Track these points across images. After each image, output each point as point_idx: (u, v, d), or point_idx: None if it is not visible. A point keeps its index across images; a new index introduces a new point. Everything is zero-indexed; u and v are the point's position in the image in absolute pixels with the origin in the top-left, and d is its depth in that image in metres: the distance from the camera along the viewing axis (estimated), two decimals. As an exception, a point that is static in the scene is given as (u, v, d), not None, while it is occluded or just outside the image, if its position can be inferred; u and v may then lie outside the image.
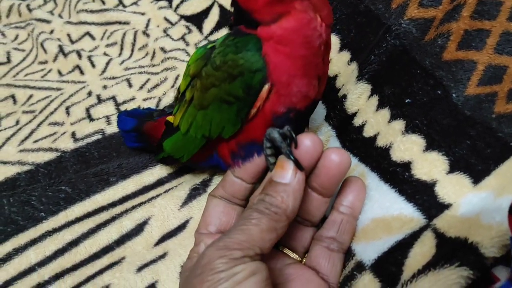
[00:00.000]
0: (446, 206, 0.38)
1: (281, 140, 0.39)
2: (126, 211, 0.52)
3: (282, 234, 0.35)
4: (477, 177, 0.38)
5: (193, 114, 0.44)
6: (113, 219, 0.51)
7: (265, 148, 0.40)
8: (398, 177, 0.41)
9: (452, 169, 0.39)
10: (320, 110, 0.54)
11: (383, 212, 0.41)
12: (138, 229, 0.50)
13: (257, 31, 0.37)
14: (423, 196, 0.39)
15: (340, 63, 0.54)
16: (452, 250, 0.34)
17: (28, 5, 0.88)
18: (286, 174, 0.36)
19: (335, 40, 0.55)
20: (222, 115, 0.41)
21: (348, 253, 0.42)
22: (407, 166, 0.41)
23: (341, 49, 0.55)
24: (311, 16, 0.36)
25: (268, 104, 0.39)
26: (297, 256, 0.43)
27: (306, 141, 0.38)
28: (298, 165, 0.37)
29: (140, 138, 0.56)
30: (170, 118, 0.49)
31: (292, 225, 0.43)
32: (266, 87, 0.38)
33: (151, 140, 0.54)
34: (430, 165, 0.40)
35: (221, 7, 0.78)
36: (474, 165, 0.38)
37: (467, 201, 0.37)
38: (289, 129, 0.39)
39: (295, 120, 0.41)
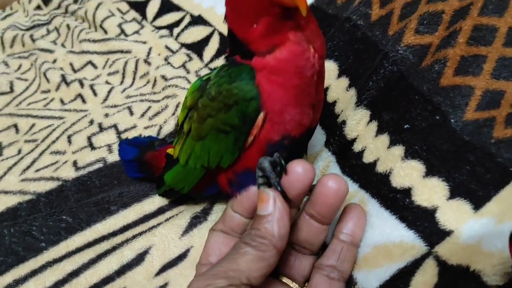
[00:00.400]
0: (448, 233, 0.37)
1: (271, 170, 0.39)
2: (127, 241, 0.51)
3: (274, 264, 0.35)
4: (477, 203, 0.37)
5: (191, 145, 0.44)
6: (114, 249, 0.51)
7: (258, 178, 0.40)
8: (399, 203, 0.41)
9: (453, 195, 0.39)
10: (320, 136, 0.54)
11: (384, 239, 0.41)
12: (139, 259, 0.50)
13: (252, 61, 0.38)
14: (424, 222, 0.39)
15: (339, 89, 0.54)
16: (454, 278, 0.34)
17: (31, 36, 0.89)
18: (267, 206, 0.37)
19: (333, 67, 0.55)
20: (219, 144, 0.41)
21: (350, 282, 0.41)
22: (407, 192, 0.41)
23: (339, 75, 0.55)
24: (304, 47, 0.37)
25: (263, 132, 0.39)
26: (296, 285, 0.43)
27: (297, 168, 0.38)
28: (284, 195, 0.37)
29: (141, 169, 0.56)
30: (170, 151, 0.50)
31: (290, 254, 0.43)
32: (261, 115, 0.38)
33: (152, 170, 0.54)
34: (430, 191, 0.40)
35: (221, 35, 0.80)
36: (475, 191, 0.38)
37: (468, 227, 0.37)
38: (278, 156, 0.39)
39: (290, 147, 0.41)
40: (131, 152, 0.57)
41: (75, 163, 0.62)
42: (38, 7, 1.04)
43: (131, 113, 0.69)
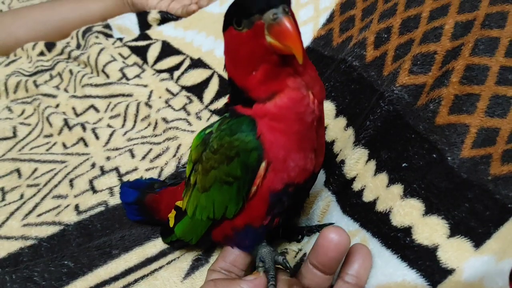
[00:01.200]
0: (449, 272, 0.37)
1: (271, 265, 0.43)
2: (129, 285, 0.51)
3: None
4: (478, 241, 0.38)
5: (197, 197, 0.45)
6: (116, 293, 0.50)
7: (257, 265, 0.43)
8: (400, 242, 0.41)
9: (453, 233, 0.39)
10: (320, 175, 0.54)
11: (386, 279, 0.40)
12: (141, 303, 0.50)
13: (252, 109, 0.39)
14: (425, 261, 0.39)
15: (337, 129, 0.55)
16: (458, 318, 0.33)
17: (35, 81, 0.91)
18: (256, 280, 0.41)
19: (331, 107, 0.56)
20: (223, 195, 0.42)
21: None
22: (407, 231, 0.41)
23: (337, 115, 0.56)
24: (303, 93, 0.38)
25: (266, 181, 0.40)
26: None
27: (331, 235, 0.40)
28: None
29: (142, 211, 0.57)
30: (178, 203, 0.50)
31: None
32: (263, 164, 0.39)
33: (152, 213, 0.54)
34: (430, 230, 0.40)
35: (220, 77, 0.81)
36: (474, 228, 0.38)
37: (470, 265, 0.37)
38: (285, 260, 0.43)
39: (294, 194, 0.42)
40: (131, 194, 0.57)
41: (77, 207, 0.62)
42: (42, 53, 1.06)
43: (133, 156, 0.70)
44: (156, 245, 0.55)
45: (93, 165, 0.70)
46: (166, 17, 1.04)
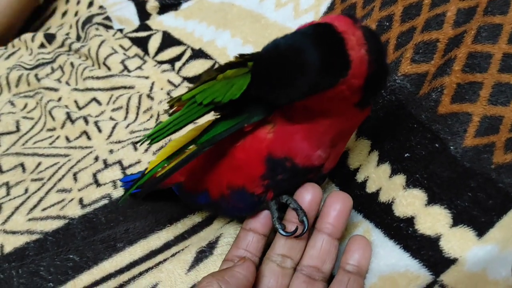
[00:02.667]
0: (452, 261, 0.37)
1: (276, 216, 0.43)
2: (134, 278, 0.51)
3: None
4: (481, 230, 0.38)
5: (207, 85, 0.41)
6: (121, 286, 0.51)
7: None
8: (402, 232, 0.41)
9: (456, 222, 0.39)
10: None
11: (389, 269, 0.41)
12: (146, 296, 0.50)
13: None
14: (428, 251, 0.39)
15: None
16: (461, 308, 0.33)
17: (36, 75, 0.91)
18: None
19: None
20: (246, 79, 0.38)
21: (357, 313, 0.41)
22: (410, 221, 0.41)
23: (339, 105, 0.56)
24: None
25: (267, 143, 0.40)
26: None
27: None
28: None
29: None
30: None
31: (304, 281, 0.42)
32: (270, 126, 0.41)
33: None
34: (433, 219, 0.40)
35: (222, 67, 0.81)
36: (477, 217, 0.38)
37: (473, 255, 0.37)
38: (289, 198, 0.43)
39: (292, 178, 0.42)
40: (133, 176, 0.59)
41: (81, 201, 0.62)
42: (42, 45, 1.06)
43: (135, 149, 0.70)
44: (160, 237, 0.55)
45: (96, 158, 0.70)
46: (164, 3, 1.02)
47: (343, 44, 0.33)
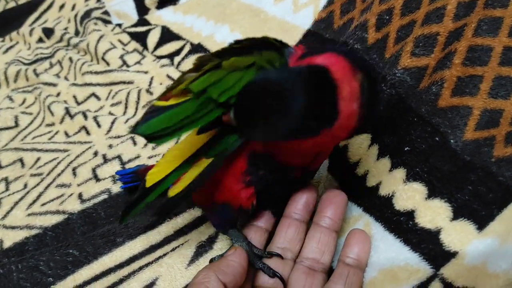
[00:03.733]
0: (453, 255, 0.37)
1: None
2: (134, 272, 0.51)
3: None
4: (481, 223, 0.37)
5: (217, 75, 0.37)
6: (121, 281, 0.51)
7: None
8: (402, 226, 0.41)
9: (456, 215, 0.39)
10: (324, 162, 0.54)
11: (389, 263, 0.40)
12: (146, 291, 0.50)
13: None
14: (428, 245, 0.39)
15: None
16: (461, 301, 0.33)
17: (35, 70, 0.91)
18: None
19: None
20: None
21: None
22: (410, 214, 0.41)
23: (339, 99, 0.56)
24: None
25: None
26: None
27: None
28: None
29: (136, 178, 0.58)
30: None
31: (303, 271, 0.43)
32: None
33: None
34: (433, 213, 0.40)
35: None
36: (478, 211, 0.38)
37: (473, 248, 0.37)
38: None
39: (272, 172, 0.42)
40: (129, 169, 0.60)
41: (80, 196, 0.62)
42: (40, 40, 1.05)
43: (134, 143, 0.70)
44: (160, 232, 0.55)
45: (95, 153, 0.70)
46: None
47: (335, 94, 0.32)
